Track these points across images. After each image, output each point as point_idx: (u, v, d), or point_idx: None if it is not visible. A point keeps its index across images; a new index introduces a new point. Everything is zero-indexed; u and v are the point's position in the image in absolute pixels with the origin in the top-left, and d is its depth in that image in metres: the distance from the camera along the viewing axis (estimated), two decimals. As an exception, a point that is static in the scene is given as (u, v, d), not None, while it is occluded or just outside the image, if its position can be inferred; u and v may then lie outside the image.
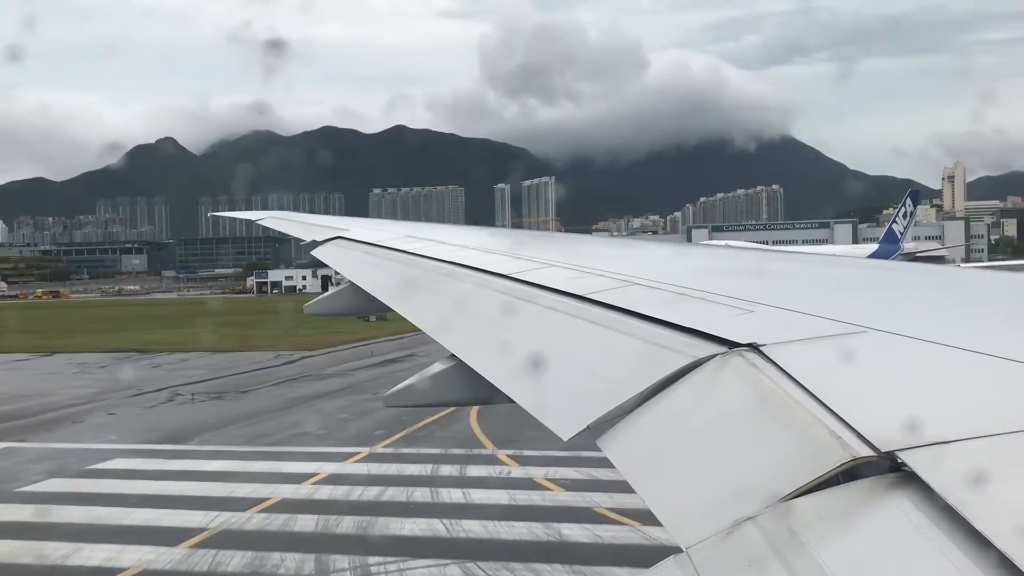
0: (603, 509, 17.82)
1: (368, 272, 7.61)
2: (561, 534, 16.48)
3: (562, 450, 23.41)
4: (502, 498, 19.15)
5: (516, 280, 4.96)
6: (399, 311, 5.90)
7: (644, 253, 7.38)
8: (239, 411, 32.51)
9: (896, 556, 1.71)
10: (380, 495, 19.65)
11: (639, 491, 2.42)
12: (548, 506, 18.50)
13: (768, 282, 4.45)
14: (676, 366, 2.78)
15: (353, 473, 21.82)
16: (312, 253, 9.09)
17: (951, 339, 2.52)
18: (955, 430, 1.92)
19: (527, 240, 9.28)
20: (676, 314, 3.27)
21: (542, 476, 20.80)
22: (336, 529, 17.23)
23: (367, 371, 44.08)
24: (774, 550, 1.82)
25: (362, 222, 11.55)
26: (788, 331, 2.82)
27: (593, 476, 20.63)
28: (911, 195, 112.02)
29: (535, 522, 17.19)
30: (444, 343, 4.60)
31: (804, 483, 1.93)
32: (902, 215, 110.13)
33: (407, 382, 4.86)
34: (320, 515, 18.07)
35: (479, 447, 24.50)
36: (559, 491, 19.60)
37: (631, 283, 4.24)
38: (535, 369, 3.49)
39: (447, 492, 19.72)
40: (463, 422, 28.08)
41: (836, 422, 2.07)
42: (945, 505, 1.68)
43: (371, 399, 34.33)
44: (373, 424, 28.46)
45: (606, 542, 16.02)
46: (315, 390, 37.72)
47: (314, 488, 20.48)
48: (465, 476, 21.23)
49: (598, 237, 36.74)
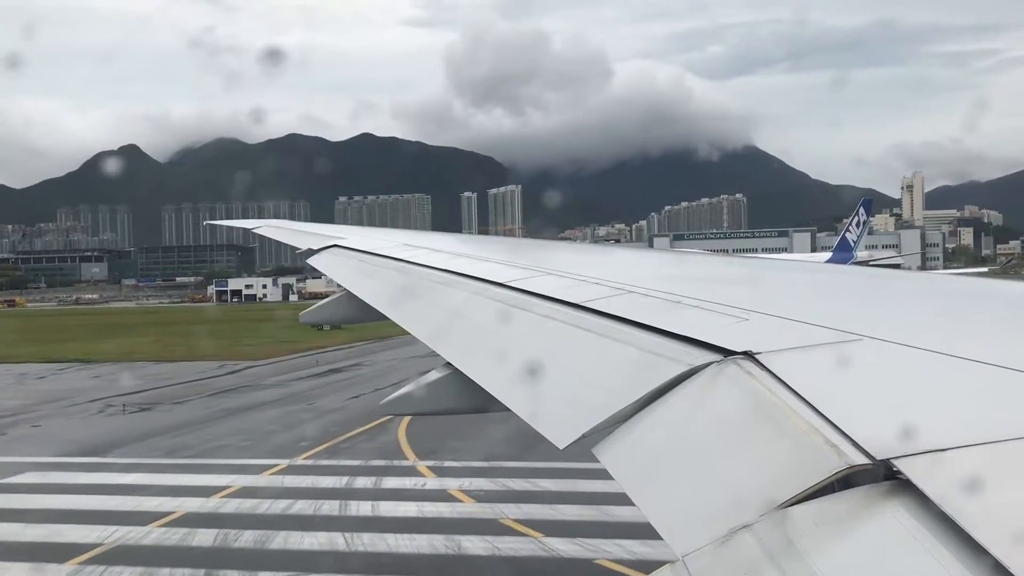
0: (509, 520, 17.67)
1: (364, 281, 7.64)
2: (460, 547, 16.27)
3: (482, 461, 23.38)
4: (410, 510, 18.92)
5: (512, 288, 4.97)
6: (394, 319, 5.96)
7: (640, 261, 7.43)
8: (167, 423, 31.95)
9: (892, 564, 1.71)
10: (287, 508, 19.34)
11: (635, 499, 2.42)
12: (454, 518, 18.30)
13: (763, 290, 4.50)
14: (672, 374, 2.80)
15: (266, 486, 21.48)
16: (308, 262, 9.07)
17: (946, 347, 2.53)
18: (950, 438, 1.92)
19: (524, 248, 9.47)
20: (672, 322, 3.29)
21: (456, 487, 20.61)
22: (233, 543, 16.89)
23: (307, 381, 43.62)
24: (770, 558, 1.83)
25: (357, 230, 11.66)
26: (783, 339, 2.84)
27: (507, 487, 20.54)
28: (864, 204, 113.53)
29: (437, 534, 16.97)
30: (440, 351, 4.63)
31: (800, 491, 1.94)
32: (855, 224, 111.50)
33: (403, 390, 4.86)
34: (221, 529, 17.71)
35: (401, 458, 24.24)
36: (470, 503, 19.42)
37: (627, 291, 4.24)
38: (531, 378, 3.53)
39: (356, 505, 19.45)
40: (391, 433, 27.85)
41: (831, 430, 2.08)
42: (940, 513, 1.69)
43: (303, 410, 33.98)
44: (299, 436, 28.11)
45: (503, 554, 15.85)
46: (250, 401, 37.22)
47: (222, 502, 20.11)
48: (378, 488, 20.96)
49: (594, 245, 37.20)
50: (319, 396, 37.91)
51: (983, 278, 5.89)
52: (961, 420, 2.13)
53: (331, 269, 8.43)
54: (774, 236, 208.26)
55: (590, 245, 41.16)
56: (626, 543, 15.92)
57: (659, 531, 2.17)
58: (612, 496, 19.10)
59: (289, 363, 52.89)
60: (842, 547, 1.80)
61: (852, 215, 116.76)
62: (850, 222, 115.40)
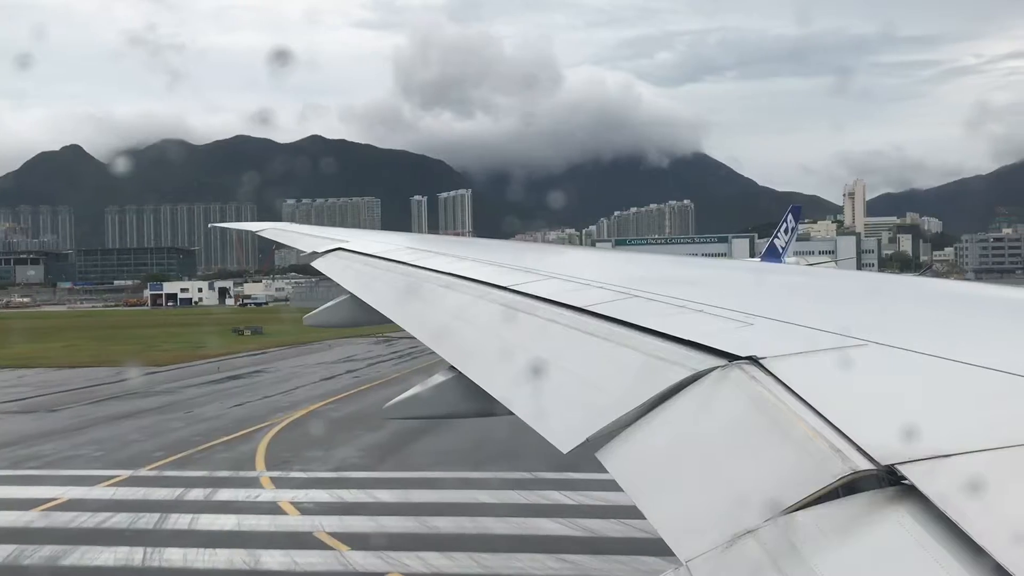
0: (323, 534, 17.28)
1: (368, 284, 7.69)
2: (258, 562, 15.83)
3: (331, 471, 22.98)
4: (227, 524, 18.41)
5: (516, 292, 4.98)
6: (398, 323, 5.98)
7: (643, 266, 7.54)
8: (29, 431, 30.97)
9: (896, 569, 1.71)
10: (103, 522, 18.67)
11: (639, 504, 2.39)
12: (268, 532, 17.82)
13: (767, 294, 4.51)
14: (676, 379, 2.80)
15: (95, 498, 20.80)
16: (313, 264, 9.14)
17: (950, 352, 2.52)
18: (954, 443, 1.93)
19: (527, 251, 9.57)
20: (675, 326, 3.29)
21: (289, 499, 20.16)
22: (26, 560, 16.27)
23: (198, 388, 42.75)
24: (774, 564, 1.83)
25: (362, 233, 11.76)
26: (788, 344, 2.84)
27: (341, 499, 20.21)
28: (792, 211, 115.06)
29: (242, 549, 16.51)
30: (443, 355, 4.61)
31: (804, 496, 1.95)
32: (784, 230, 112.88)
33: (406, 394, 4.80)
34: (20, 544, 17.06)
35: (249, 469, 23.71)
36: (294, 515, 18.99)
37: (630, 295, 4.27)
38: (534, 381, 3.50)
39: (176, 518, 18.87)
40: (255, 442, 27.37)
41: (836, 435, 2.09)
42: (945, 518, 1.69)
43: (178, 419, 33.19)
44: (159, 445, 27.39)
45: (299, 570, 15.45)
46: (128, 409, 36.25)
47: (40, 515, 19.39)
48: (208, 500, 20.40)
49: (598, 250, 37.98)
50: (202, 404, 37.10)
51: (982, 284, 5.97)
52: (965, 425, 2.15)
53: (336, 272, 8.44)
54: (714, 242, 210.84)
55: (594, 249, 41.79)
56: (429, 555, 15.69)
57: (663, 536, 2.15)
58: (437, 507, 18.92)
59: (190, 370, 51.85)
60: (846, 552, 1.81)
61: (781, 222, 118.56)
62: (779, 229, 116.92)
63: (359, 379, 44.45)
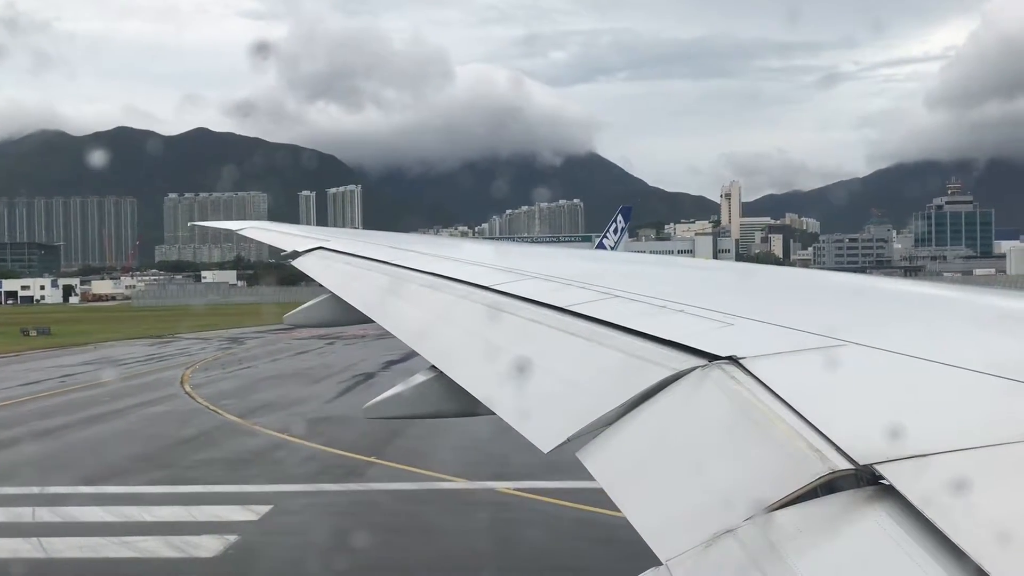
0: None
1: (349, 284, 7.64)
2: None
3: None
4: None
5: (498, 292, 4.98)
6: (379, 322, 5.98)
7: (625, 266, 7.68)
8: None
9: (874, 569, 1.71)
10: None
11: (618, 503, 2.39)
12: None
13: (748, 295, 4.51)
14: (656, 379, 2.79)
15: None
16: (294, 263, 9.08)
17: (929, 352, 2.52)
18: (933, 443, 1.93)
19: (512, 252, 9.57)
20: (656, 326, 3.29)
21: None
22: None
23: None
24: (753, 563, 1.83)
25: (343, 232, 11.93)
26: (768, 344, 2.84)
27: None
28: (622, 212, 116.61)
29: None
30: (424, 354, 4.62)
31: (783, 496, 1.94)
32: (612, 231, 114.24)
33: (387, 393, 4.78)
34: None
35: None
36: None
37: (612, 295, 4.26)
38: (516, 381, 3.53)
39: None
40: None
41: (815, 435, 2.08)
42: (922, 518, 1.69)
43: None
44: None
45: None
46: None
47: None
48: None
49: (581, 250, 39.18)
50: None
51: (969, 287, 6.10)
52: (944, 425, 2.14)
53: (317, 272, 8.37)
54: (578, 241, 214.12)
55: (578, 250, 41.73)
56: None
57: (643, 535, 2.14)
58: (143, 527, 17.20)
59: None
60: (825, 552, 1.81)
61: (610, 222, 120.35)
62: (607, 229, 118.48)
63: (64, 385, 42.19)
